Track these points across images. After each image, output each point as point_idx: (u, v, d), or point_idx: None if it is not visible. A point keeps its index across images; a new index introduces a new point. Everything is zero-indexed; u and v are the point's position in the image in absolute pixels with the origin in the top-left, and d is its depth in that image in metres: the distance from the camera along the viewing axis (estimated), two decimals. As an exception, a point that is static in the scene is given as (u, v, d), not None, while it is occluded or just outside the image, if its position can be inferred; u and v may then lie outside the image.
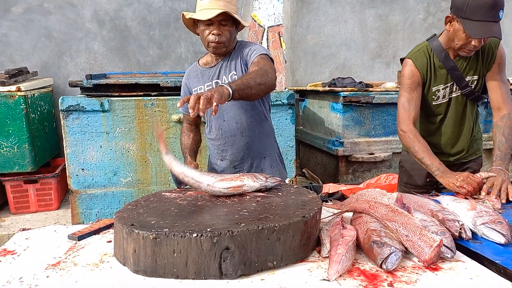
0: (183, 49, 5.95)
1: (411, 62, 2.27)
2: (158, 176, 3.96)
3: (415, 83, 2.25)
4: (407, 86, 2.27)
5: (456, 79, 2.24)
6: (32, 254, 1.48)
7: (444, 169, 2.11)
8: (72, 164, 3.80)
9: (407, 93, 2.26)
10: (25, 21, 5.42)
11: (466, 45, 2.08)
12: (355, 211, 1.64)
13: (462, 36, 2.05)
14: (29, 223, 4.23)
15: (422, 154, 2.18)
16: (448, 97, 2.31)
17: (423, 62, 2.25)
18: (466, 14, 1.99)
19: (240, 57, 2.21)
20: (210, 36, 2.10)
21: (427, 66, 2.25)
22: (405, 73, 2.28)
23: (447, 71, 2.24)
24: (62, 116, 3.73)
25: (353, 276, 1.25)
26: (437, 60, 2.25)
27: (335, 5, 6.27)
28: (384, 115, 4.67)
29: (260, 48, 2.18)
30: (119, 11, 5.68)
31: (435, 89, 2.29)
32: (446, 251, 1.35)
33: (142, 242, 1.27)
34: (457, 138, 2.38)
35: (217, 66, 2.25)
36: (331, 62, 6.40)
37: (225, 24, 2.10)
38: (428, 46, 2.28)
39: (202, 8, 2.08)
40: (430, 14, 6.54)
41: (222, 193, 1.64)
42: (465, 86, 2.25)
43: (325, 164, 5.07)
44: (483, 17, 1.95)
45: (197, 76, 2.31)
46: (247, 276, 1.27)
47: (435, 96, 2.31)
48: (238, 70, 2.20)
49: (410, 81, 2.26)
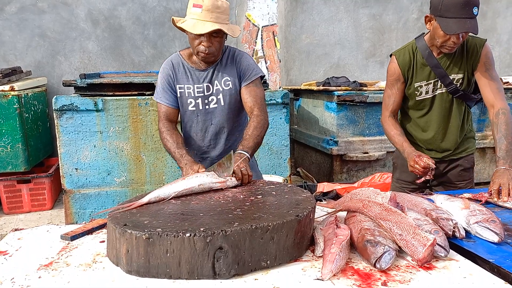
0: (177, 49, 5.92)
1: (394, 59, 2.42)
2: (152, 176, 3.95)
3: (395, 79, 2.42)
4: (389, 82, 2.46)
5: (440, 76, 2.32)
6: (24, 255, 1.47)
7: (407, 149, 2.31)
8: (65, 164, 3.78)
9: (388, 89, 2.47)
10: (19, 20, 5.38)
11: (445, 42, 2.16)
12: (349, 210, 1.64)
13: (440, 33, 2.14)
14: (22, 223, 4.20)
15: (393, 139, 2.43)
16: (432, 94, 2.37)
17: (405, 60, 2.37)
18: (441, 12, 2.11)
19: (236, 67, 2.24)
20: (200, 47, 2.09)
21: (410, 63, 2.37)
22: (388, 69, 2.45)
23: (431, 68, 2.32)
24: (56, 115, 3.71)
25: (347, 276, 1.25)
26: (420, 57, 2.34)
27: (329, 5, 6.27)
28: (378, 114, 4.67)
29: (254, 65, 2.27)
30: (114, 10, 5.65)
31: (417, 85, 2.38)
32: (439, 250, 1.35)
33: (135, 242, 1.26)
34: (444, 134, 2.43)
35: (209, 69, 2.23)
36: (325, 61, 6.41)
37: (216, 36, 2.08)
38: (414, 44, 2.40)
39: (194, 17, 2.03)
40: (423, 13, 6.55)
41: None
42: (450, 84, 2.32)
43: (319, 163, 5.08)
44: (457, 14, 2.07)
45: (184, 72, 2.25)
46: (241, 276, 1.26)
47: (417, 91, 2.39)
48: (233, 77, 2.23)
49: (391, 78, 2.43)
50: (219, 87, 2.23)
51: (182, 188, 1.67)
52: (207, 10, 2.01)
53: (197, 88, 2.24)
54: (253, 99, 2.21)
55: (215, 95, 2.24)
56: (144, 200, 1.57)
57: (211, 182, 1.75)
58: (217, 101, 2.24)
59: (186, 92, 2.25)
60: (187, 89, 2.25)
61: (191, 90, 2.24)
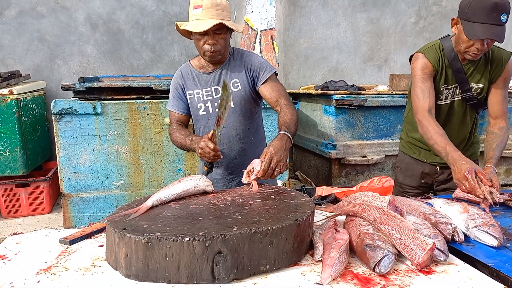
0: (176, 53, 5.94)
1: (422, 56, 2.26)
2: (150, 180, 3.95)
3: (427, 74, 2.23)
4: (419, 77, 2.24)
5: (460, 81, 2.25)
6: (23, 259, 1.47)
7: (453, 153, 1.99)
8: (64, 168, 3.77)
9: (420, 83, 2.24)
10: (18, 24, 5.39)
11: (469, 48, 2.08)
12: (348, 214, 1.64)
13: (464, 38, 2.06)
14: (21, 227, 4.19)
15: (432, 140, 2.11)
16: (451, 100, 2.32)
17: (435, 57, 2.24)
18: (468, 16, 2.02)
19: (244, 68, 2.21)
20: (205, 46, 2.08)
21: (439, 61, 2.25)
22: (417, 65, 2.26)
23: (453, 72, 2.25)
24: (55, 119, 3.71)
25: (346, 280, 1.25)
26: (446, 60, 2.24)
27: (327, 9, 6.30)
28: (376, 118, 4.69)
29: (266, 63, 2.23)
30: (112, 14, 5.66)
31: (442, 88, 2.30)
32: (439, 254, 1.35)
33: (134, 246, 1.26)
34: (455, 141, 2.38)
35: (216, 72, 2.22)
36: (323, 65, 6.43)
37: (219, 33, 2.08)
38: (440, 44, 2.27)
39: (195, 18, 2.05)
40: (421, 17, 6.59)
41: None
42: (467, 90, 2.27)
43: (318, 167, 5.08)
44: (483, 19, 1.97)
45: (193, 79, 2.27)
46: (240, 280, 1.26)
47: (441, 95, 2.31)
48: (242, 80, 2.20)
49: (422, 72, 2.24)
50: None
51: (180, 190, 1.68)
52: (207, 9, 2.02)
53: (206, 92, 2.23)
54: (276, 93, 2.17)
55: None
56: (148, 203, 1.57)
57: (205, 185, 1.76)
58: None
59: (196, 97, 2.24)
60: (196, 94, 2.25)
61: (200, 95, 2.24)
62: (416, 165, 2.50)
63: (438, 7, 6.60)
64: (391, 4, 6.45)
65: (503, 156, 5.07)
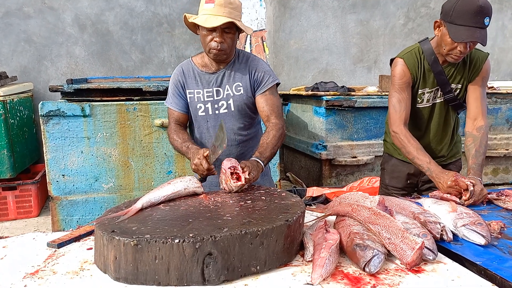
0: (166, 54, 5.92)
1: (402, 62, 2.28)
2: (140, 182, 3.92)
3: (405, 83, 2.27)
4: (397, 86, 2.28)
5: (441, 83, 2.27)
6: (9, 263, 1.44)
7: (434, 169, 2.11)
8: (52, 170, 3.73)
9: (397, 94, 2.28)
10: (4, 25, 5.33)
11: (452, 50, 2.11)
12: (338, 215, 1.65)
13: (448, 40, 2.08)
14: (8, 231, 4.14)
15: (412, 154, 2.20)
16: (432, 102, 2.35)
17: (414, 63, 2.27)
18: (452, 19, 2.04)
19: (249, 72, 2.18)
20: (212, 43, 2.04)
21: (417, 67, 2.27)
22: (396, 72, 2.29)
23: (434, 75, 2.27)
24: (42, 121, 3.66)
25: (337, 280, 1.25)
26: (426, 63, 2.27)
27: (317, 11, 6.32)
28: (366, 118, 4.72)
29: (270, 72, 2.22)
30: (101, 15, 5.63)
31: (421, 92, 2.32)
32: (428, 253, 1.36)
33: (123, 248, 1.25)
34: (439, 142, 2.42)
35: (219, 73, 2.19)
36: (313, 66, 6.45)
37: (228, 32, 2.04)
38: (419, 48, 2.30)
39: (206, 13, 2.00)
40: (410, 19, 6.64)
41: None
42: (448, 92, 2.29)
43: (308, 168, 5.09)
44: (467, 22, 2.00)
45: (194, 77, 2.22)
46: (230, 281, 1.26)
47: (420, 98, 2.34)
48: (245, 83, 2.18)
49: (401, 81, 2.28)
50: (230, 92, 2.17)
51: (170, 191, 1.68)
52: (219, 5, 1.98)
53: (207, 93, 2.19)
54: (269, 107, 2.17)
55: (225, 100, 2.18)
56: (137, 205, 1.56)
57: (195, 187, 1.76)
58: (227, 106, 2.18)
59: (196, 97, 2.20)
60: (196, 94, 2.20)
61: (201, 95, 2.20)
62: (401, 167, 2.52)
63: (426, 8, 6.66)
64: (380, 6, 6.50)
65: (490, 156, 5.17)
